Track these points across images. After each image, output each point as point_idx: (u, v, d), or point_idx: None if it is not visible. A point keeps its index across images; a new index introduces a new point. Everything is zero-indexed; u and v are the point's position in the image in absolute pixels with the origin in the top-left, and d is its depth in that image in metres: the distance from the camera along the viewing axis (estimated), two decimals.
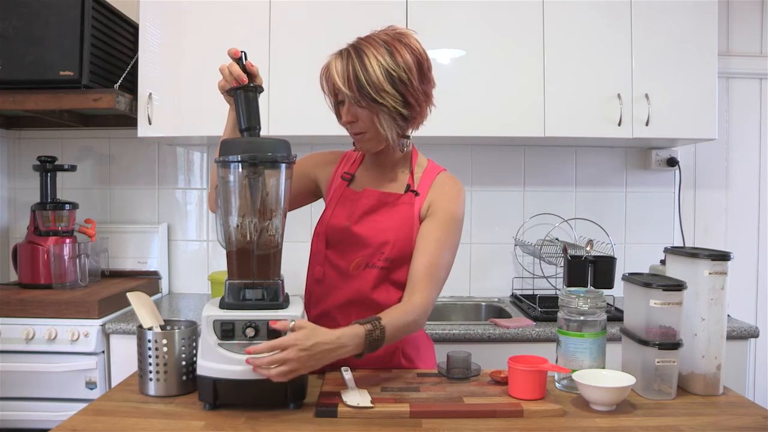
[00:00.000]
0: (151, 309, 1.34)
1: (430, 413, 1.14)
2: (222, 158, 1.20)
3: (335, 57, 1.35)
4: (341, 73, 1.31)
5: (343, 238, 1.42)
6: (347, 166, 1.53)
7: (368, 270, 1.40)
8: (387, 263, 1.38)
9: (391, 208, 1.42)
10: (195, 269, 2.71)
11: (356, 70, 1.29)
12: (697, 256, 1.29)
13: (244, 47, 2.32)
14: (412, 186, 1.43)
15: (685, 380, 1.30)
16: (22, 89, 2.19)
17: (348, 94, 1.31)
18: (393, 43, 1.33)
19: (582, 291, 1.33)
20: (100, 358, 2.05)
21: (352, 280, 1.41)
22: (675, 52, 2.31)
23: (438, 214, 1.40)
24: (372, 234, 1.40)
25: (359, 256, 1.40)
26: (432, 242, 1.37)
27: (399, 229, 1.39)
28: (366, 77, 1.29)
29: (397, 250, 1.38)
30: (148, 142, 2.63)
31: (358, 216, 1.42)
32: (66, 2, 2.16)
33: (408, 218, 1.39)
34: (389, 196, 1.43)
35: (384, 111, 1.32)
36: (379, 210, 1.42)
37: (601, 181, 2.70)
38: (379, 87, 1.30)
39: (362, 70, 1.29)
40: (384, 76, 1.30)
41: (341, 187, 1.49)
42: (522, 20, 2.30)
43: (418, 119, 1.41)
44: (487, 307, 2.53)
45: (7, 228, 2.72)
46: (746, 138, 2.73)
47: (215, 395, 1.16)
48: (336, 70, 1.32)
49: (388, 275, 1.40)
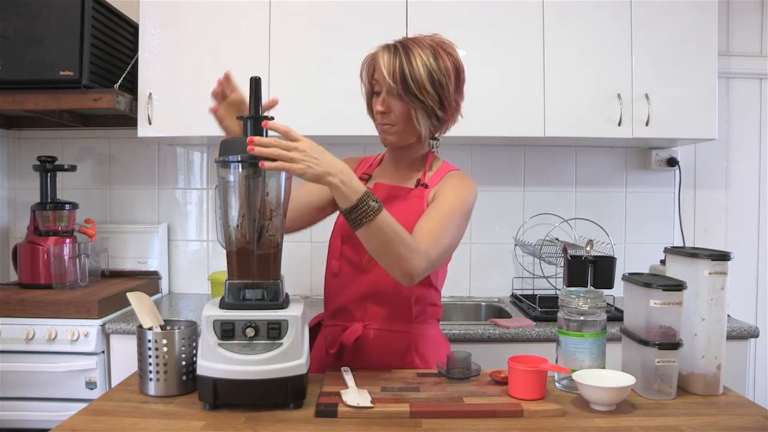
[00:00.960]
0: (151, 309, 1.34)
1: (430, 413, 1.14)
2: (222, 158, 1.21)
3: (382, 49, 1.40)
4: (387, 64, 1.37)
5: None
6: (365, 169, 1.58)
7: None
8: None
9: (402, 201, 1.45)
10: (195, 269, 2.71)
11: (402, 65, 1.36)
12: (697, 256, 1.29)
13: (244, 47, 2.34)
14: (423, 180, 1.47)
15: (685, 380, 1.30)
16: (22, 89, 2.19)
17: (391, 86, 1.36)
18: (437, 48, 1.40)
19: (582, 291, 1.33)
20: (100, 358, 2.05)
21: (366, 274, 1.43)
22: (675, 52, 2.31)
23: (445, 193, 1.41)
24: None
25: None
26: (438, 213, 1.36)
27: (409, 221, 1.37)
28: (411, 73, 1.35)
29: None
30: (148, 142, 2.63)
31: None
32: (66, 2, 2.16)
33: (418, 210, 1.41)
34: (400, 189, 1.48)
35: (421, 108, 1.38)
36: (389, 203, 1.43)
37: (601, 181, 2.70)
38: (421, 84, 1.36)
39: (408, 66, 1.36)
40: (426, 76, 1.36)
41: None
42: (522, 20, 2.30)
43: (449, 123, 1.48)
44: (487, 307, 2.53)
45: (7, 228, 2.72)
46: (746, 138, 2.73)
47: (215, 395, 1.16)
48: (383, 61, 1.37)
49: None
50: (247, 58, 2.29)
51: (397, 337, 1.44)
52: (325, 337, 1.51)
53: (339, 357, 1.42)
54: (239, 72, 2.32)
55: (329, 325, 1.51)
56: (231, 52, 2.29)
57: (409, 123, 1.40)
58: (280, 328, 1.17)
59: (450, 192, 1.42)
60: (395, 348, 1.43)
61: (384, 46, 1.41)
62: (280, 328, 1.17)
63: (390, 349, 1.41)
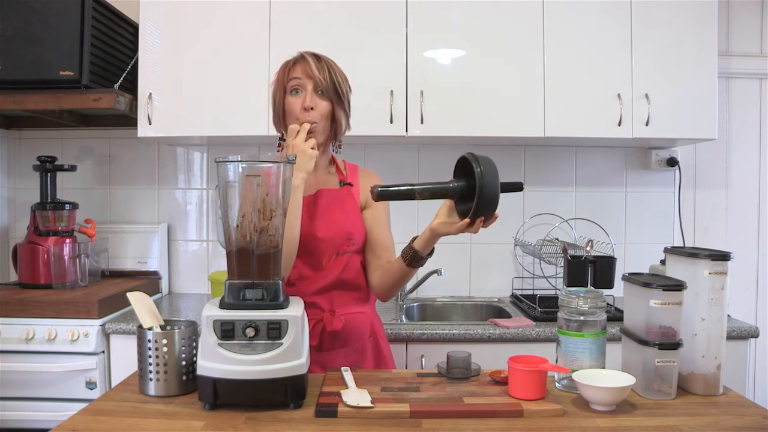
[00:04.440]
0: (151, 309, 1.34)
1: (430, 413, 1.14)
2: (222, 158, 1.21)
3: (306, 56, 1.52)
4: (316, 65, 1.49)
5: (309, 241, 1.52)
6: None
7: (341, 257, 1.55)
8: (354, 247, 1.56)
9: (342, 202, 1.59)
10: (195, 269, 2.71)
11: (330, 66, 1.51)
12: (697, 256, 1.29)
13: (244, 47, 2.34)
14: (346, 179, 1.62)
15: (685, 380, 1.30)
16: (22, 89, 2.19)
17: (321, 81, 1.48)
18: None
19: (582, 291, 1.33)
20: (100, 358, 2.05)
21: (326, 270, 1.55)
22: (675, 52, 2.31)
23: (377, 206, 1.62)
24: (334, 229, 1.54)
25: (328, 250, 1.54)
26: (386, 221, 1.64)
27: (353, 216, 1.58)
28: (334, 74, 1.51)
29: (358, 235, 1.57)
30: (148, 142, 2.63)
31: (318, 216, 1.55)
32: (66, 2, 2.16)
33: (354, 207, 1.60)
34: (336, 192, 1.60)
35: (342, 109, 1.53)
36: (332, 205, 1.57)
37: (601, 181, 2.70)
38: (341, 86, 1.52)
39: (334, 67, 1.52)
40: (343, 80, 1.54)
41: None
42: (522, 20, 2.30)
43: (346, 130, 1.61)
44: (487, 307, 2.53)
45: (7, 228, 2.72)
46: (746, 138, 2.73)
47: (215, 395, 1.16)
48: (312, 60, 1.50)
49: (354, 257, 1.57)
50: (247, 58, 2.29)
51: (362, 318, 1.59)
52: None
53: (319, 347, 1.52)
54: (239, 72, 2.34)
55: None
56: (231, 52, 2.30)
57: (328, 123, 1.52)
58: (280, 328, 1.17)
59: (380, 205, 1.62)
60: (363, 329, 1.58)
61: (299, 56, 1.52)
62: (280, 328, 1.17)
63: (359, 331, 1.57)
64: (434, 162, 2.66)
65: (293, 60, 1.54)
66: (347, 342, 1.54)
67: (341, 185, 1.61)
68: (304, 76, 1.49)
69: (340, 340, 1.53)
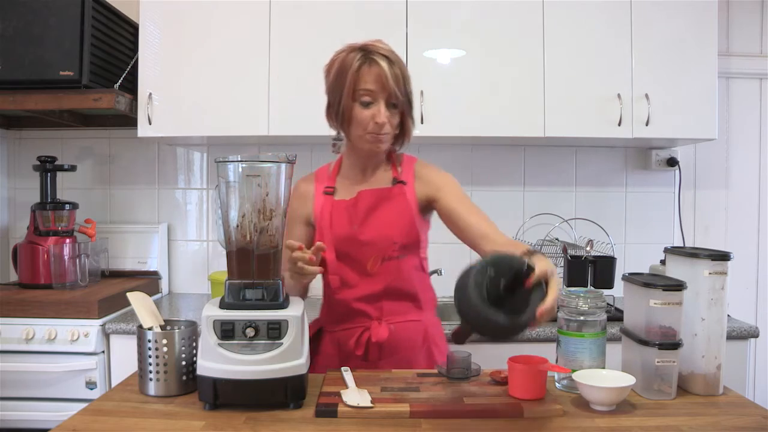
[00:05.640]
0: (151, 309, 1.34)
1: (430, 413, 1.14)
2: (222, 158, 1.21)
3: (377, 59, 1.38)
4: (393, 77, 1.38)
5: (351, 245, 1.46)
6: (325, 182, 1.56)
7: (386, 263, 1.46)
8: (402, 251, 1.46)
9: (388, 202, 1.48)
10: (195, 269, 2.71)
11: (402, 76, 1.40)
12: (697, 256, 1.29)
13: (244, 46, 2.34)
14: (399, 177, 1.51)
15: (685, 380, 1.30)
16: (22, 89, 2.19)
17: (398, 97, 1.40)
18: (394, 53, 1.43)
19: (582, 291, 1.33)
20: (100, 358, 2.05)
21: (373, 276, 1.47)
22: (675, 52, 2.31)
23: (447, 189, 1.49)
24: (378, 233, 1.46)
25: (372, 255, 1.46)
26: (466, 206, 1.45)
27: (401, 218, 1.47)
28: (406, 84, 1.42)
29: (405, 238, 1.46)
30: (148, 142, 2.63)
31: (360, 219, 1.47)
32: (66, 2, 2.16)
33: (406, 207, 1.47)
34: (383, 191, 1.50)
35: (411, 115, 1.47)
36: (378, 207, 1.47)
37: (601, 181, 2.70)
38: (411, 93, 1.44)
39: (403, 77, 1.41)
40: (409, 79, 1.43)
41: (329, 201, 1.52)
42: (522, 20, 2.30)
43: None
44: None
45: (7, 228, 2.72)
46: (746, 138, 2.73)
47: (215, 395, 1.16)
48: (390, 72, 1.38)
49: (405, 262, 1.47)
50: (247, 58, 2.29)
51: (414, 326, 1.50)
52: (335, 343, 1.52)
53: (365, 357, 1.47)
54: (239, 71, 2.34)
55: (341, 330, 1.51)
56: (231, 52, 2.30)
57: (397, 130, 1.46)
58: (280, 328, 1.17)
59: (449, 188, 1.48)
60: (414, 338, 1.49)
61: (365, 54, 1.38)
62: (280, 328, 1.17)
63: (411, 340, 1.48)
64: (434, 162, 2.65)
65: (361, 61, 1.38)
66: (396, 351, 1.47)
67: (393, 183, 1.50)
68: (378, 88, 1.38)
69: (387, 350, 1.46)
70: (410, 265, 1.49)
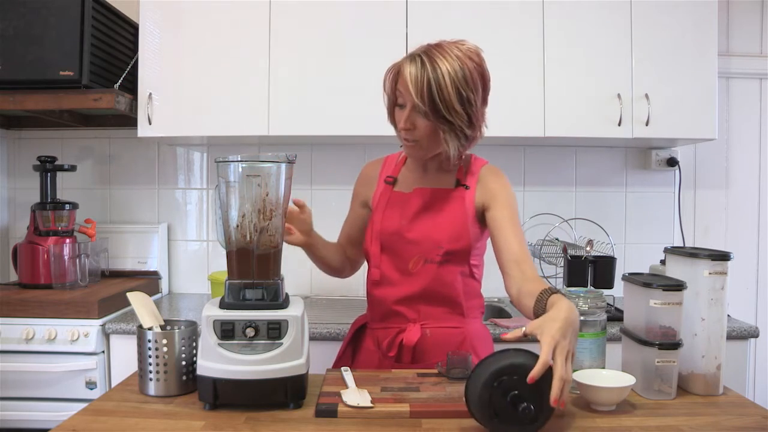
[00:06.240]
0: (151, 309, 1.34)
1: (430, 413, 1.14)
2: (222, 158, 1.21)
3: (408, 62, 1.32)
4: (414, 81, 1.29)
5: (396, 240, 1.45)
6: (390, 171, 1.55)
7: (428, 265, 1.43)
8: (445, 257, 1.42)
9: (443, 204, 1.45)
10: (195, 269, 2.71)
11: (431, 83, 1.28)
12: (697, 256, 1.29)
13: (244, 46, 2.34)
14: (462, 180, 1.46)
15: (685, 380, 1.30)
16: (22, 89, 2.19)
17: (419, 105, 1.30)
18: (464, 59, 1.32)
19: (582, 291, 1.33)
20: (100, 358, 2.05)
21: (413, 277, 1.44)
22: (675, 52, 2.31)
23: (500, 201, 1.43)
24: (425, 233, 1.43)
25: (415, 254, 1.44)
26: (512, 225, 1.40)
27: (452, 223, 1.43)
28: (439, 93, 1.28)
29: (452, 243, 1.42)
30: (148, 142, 2.63)
31: (410, 216, 1.45)
32: (66, 2, 2.16)
33: (461, 212, 1.43)
34: (440, 192, 1.46)
35: (450, 128, 1.33)
36: (431, 207, 1.45)
37: (601, 181, 2.70)
38: (449, 104, 1.30)
39: (436, 85, 1.28)
40: (455, 94, 1.30)
41: (387, 191, 1.51)
42: (522, 20, 2.30)
43: (477, 139, 1.43)
44: (487, 307, 2.52)
45: (7, 228, 2.72)
46: (746, 138, 2.73)
47: (215, 395, 1.16)
48: (410, 76, 1.29)
49: (448, 267, 1.44)
50: (247, 58, 2.29)
51: (453, 333, 1.47)
52: (374, 340, 1.51)
53: (398, 359, 1.45)
54: (239, 71, 2.34)
55: (380, 328, 1.51)
56: (231, 52, 2.30)
57: (435, 140, 1.36)
58: (280, 328, 1.17)
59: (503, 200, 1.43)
60: (451, 344, 1.45)
61: (409, 57, 1.32)
62: (280, 328, 1.17)
63: (447, 347, 1.43)
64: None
65: (396, 66, 1.35)
66: (429, 357, 1.44)
67: (456, 185, 1.46)
68: (406, 93, 1.32)
69: (420, 354, 1.44)
70: (455, 270, 1.45)
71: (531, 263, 1.37)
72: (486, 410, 1.04)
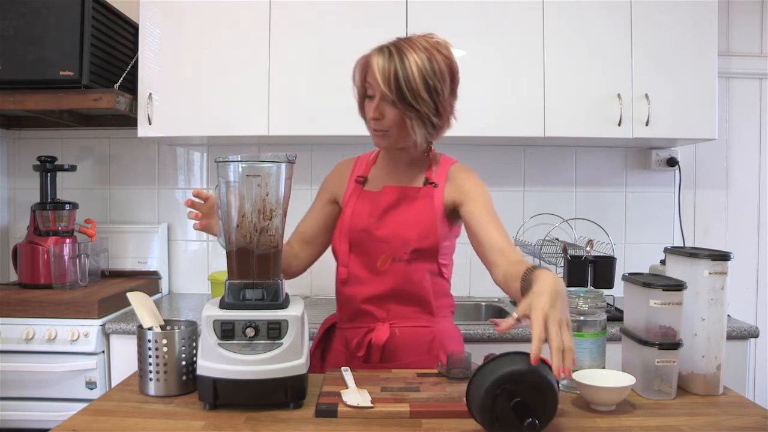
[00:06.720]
0: (151, 309, 1.34)
1: (430, 413, 1.14)
2: (222, 158, 1.21)
3: (376, 53, 1.36)
4: (382, 70, 1.33)
5: (364, 238, 1.45)
6: (360, 171, 1.56)
7: (396, 264, 1.44)
8: (413, 255, 1.43)
9: (412, 202, 1.46)
10: (195, 269, 2.71)
11: (397, 71, 1.32)
12: (697, 256, 1.29)
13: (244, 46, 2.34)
14: (431, 178, 1.47)
15: (685, 380, 1.30)
16: (22, 89, 2.19)
17: (386, 94, 1.33)
18: (432, 51, 1.36)
19: (582, 291, 1.33)
20: (100, 358, 2.05)
21: (381, 276, 1.45)
22: (675, 52, 2.31)
23: (474, 195, 1.44)
24: (393, 231, 1.44)
25: (383, 253, 1.44)
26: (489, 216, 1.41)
27: (420, 221, 1.44)
28: (405, 80, 1.32)
29: (420, 241, 1.43)
30: (148, 142, 2.63)
31: (379, 214, 1.46)
32: (66, 2, 2.16)
33: (429, 210, 1.44)
34: (409, 190, 1.47)
35: (417, 116, 1.36)
36: (399, 205, 1.46)
37: (601, 181, 2.70)
38: (416, 92, 1.33)
39: (402, 72, 1.32)
40: (422, 82, 1.33)
41: (357, 190, 1.52)
42: (522, 20, 2.30)
43: (444, 128, 1.46)
44: (487, 307, 2.53)
45: (7, 228, 2.72)
46: (746, 138, 2.73)
47: (215, 395, 1.16)
48: (377, 67, 1.33)
49: (416, 265, 1.44)
50: (248, 58, 2.29)
51: (422, 332, 1.47)
52: (343, 340, 1.51)
53: (367, 359, 1.45)
54: (239, 71, 2.34)
55: (349, 328, 1.51)
56: (231, 52, 2.29)
57: (403, 129, 1.39)
58: (280, 328, 1.17)
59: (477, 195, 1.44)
60: (421, 344, 1.46)
61: (377, 49, 1.37)
62: (280, 328, 1.17)
63: (416, 346, 1.44)
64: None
65: (365, 58, 1.39)
66: (398, 356, 1.44)
67: (424, 184, 1.47)
68: (375, 84, 1.35)
69: (389, 354, 1.44)
70: (423, 269, 1.45)
71: (513, 249, 1.37)
72: (488, 415, 1.04)
